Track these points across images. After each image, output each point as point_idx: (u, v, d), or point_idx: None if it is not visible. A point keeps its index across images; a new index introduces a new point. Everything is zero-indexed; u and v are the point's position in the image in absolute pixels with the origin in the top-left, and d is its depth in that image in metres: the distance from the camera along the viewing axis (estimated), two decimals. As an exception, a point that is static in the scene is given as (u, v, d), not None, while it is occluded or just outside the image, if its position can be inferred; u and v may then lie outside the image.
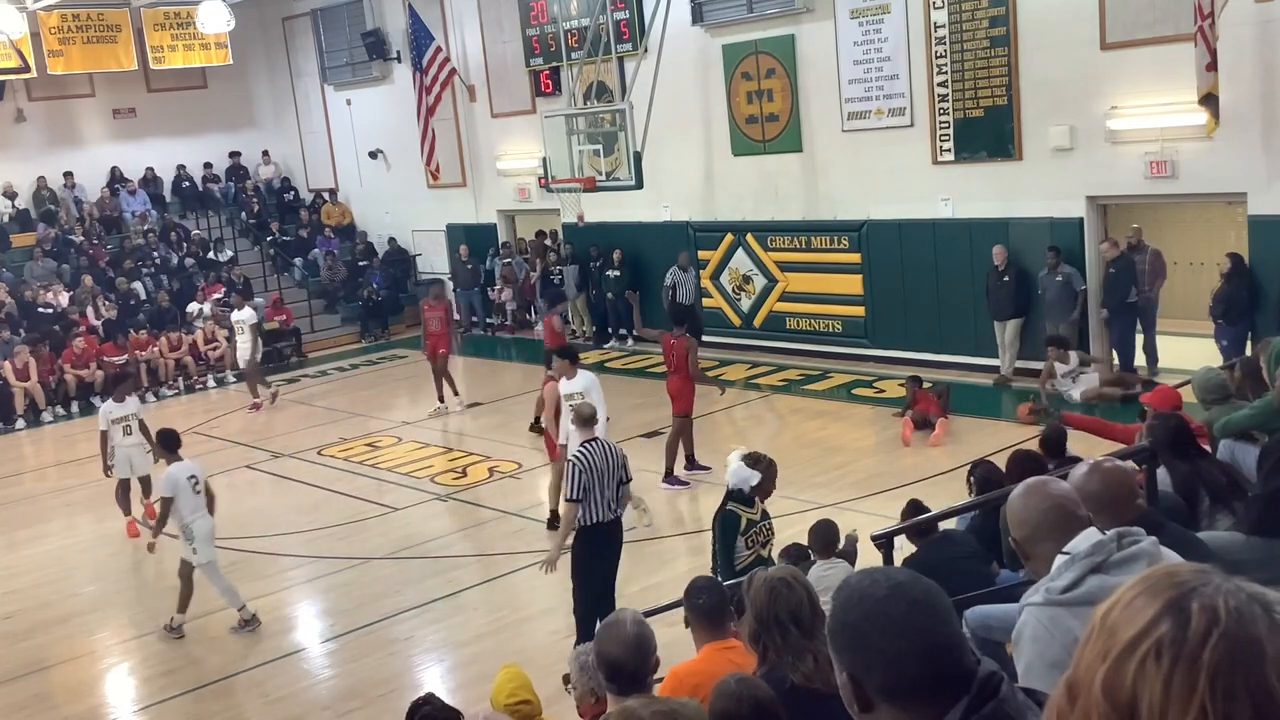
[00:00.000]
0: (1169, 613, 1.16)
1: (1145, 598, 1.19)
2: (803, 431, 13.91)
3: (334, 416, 16.89)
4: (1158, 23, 13.02)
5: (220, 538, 12.14)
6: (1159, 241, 15.25)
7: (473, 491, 12.93)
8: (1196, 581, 1.19)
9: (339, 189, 25.06)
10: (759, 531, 7.09)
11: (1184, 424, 6.15)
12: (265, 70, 25.53)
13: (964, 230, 15.08)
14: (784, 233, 17.26)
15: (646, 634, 3.95)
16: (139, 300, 21.38)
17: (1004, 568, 6.81)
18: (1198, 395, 7.10)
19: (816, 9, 16.15)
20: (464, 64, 21.13)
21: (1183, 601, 1.16)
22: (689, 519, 11.51)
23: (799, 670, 3.67)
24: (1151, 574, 1.23)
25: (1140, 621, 1.17)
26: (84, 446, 17.09)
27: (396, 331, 22.66)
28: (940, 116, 15.14)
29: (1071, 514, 3.03)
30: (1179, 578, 1.20)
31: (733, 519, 7.03)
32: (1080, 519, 3.01)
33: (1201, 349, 13.15)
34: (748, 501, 7.07)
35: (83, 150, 23.83)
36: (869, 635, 1.87)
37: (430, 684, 8.42)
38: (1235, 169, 12.79)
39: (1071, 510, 3.04)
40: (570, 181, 16.58)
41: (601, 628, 3.98)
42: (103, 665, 9.82)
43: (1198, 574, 1.20)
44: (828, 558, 6.92)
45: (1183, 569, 1.23)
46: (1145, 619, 1.17)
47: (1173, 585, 1.19)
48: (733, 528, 7.01)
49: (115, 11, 22.31)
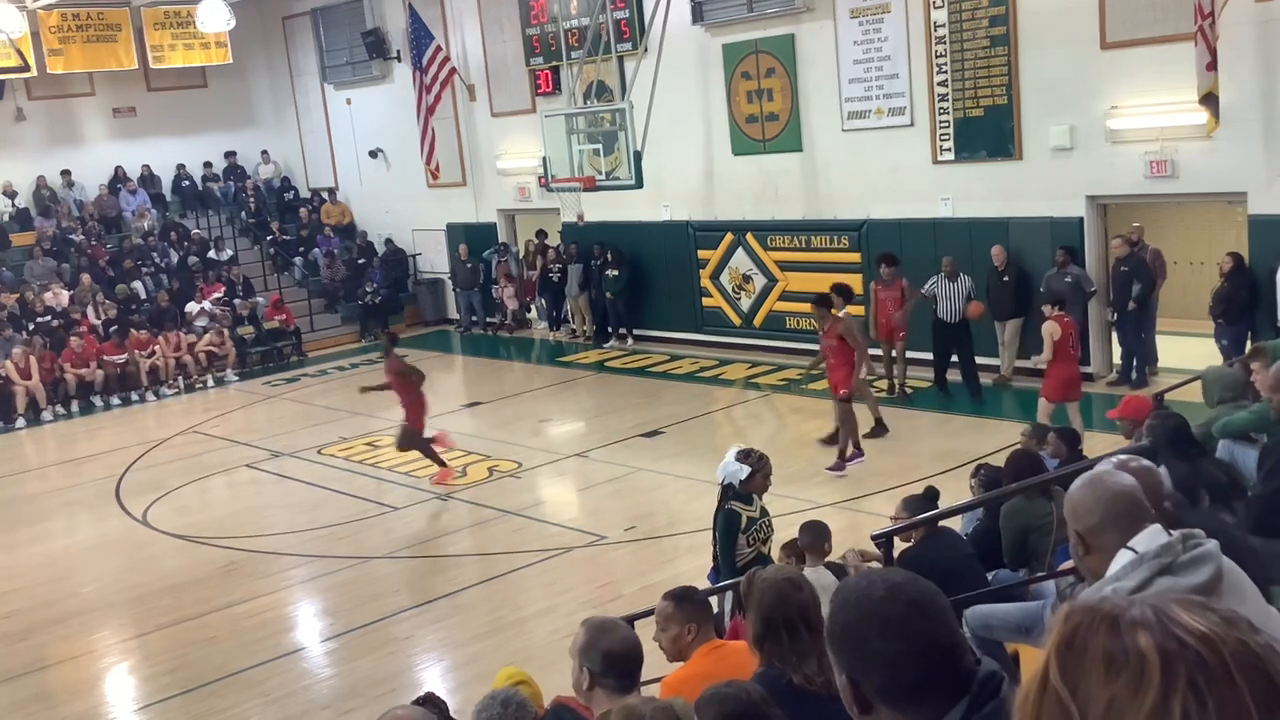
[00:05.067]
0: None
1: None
2: (803, 431, 13.89)
3: (334, 416, 16.89)
4: (1158, 22, 13.02)
5: (220, 536, 12.21)
6: (1159, 241, 15.25)
7: (473, 491, 12.93)
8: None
9: (339, 188, 25.04)
10: (759, 529, 7.15)
11: (1184, 423, 6.14)
12: (265, 69, 25.52)
13: (964, 230, 15.07)
14: (784, 232, 17.26)
15: (636, 635, 4.05)
16: (139, 300, 21.39)
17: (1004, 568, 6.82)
18: (1212, 392, 6.99)
19: (816, 8, 16.14)
20: (464, 63, 21.13)
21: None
22: (689, 518, 11.50)
23: (801, 671, 3.67)
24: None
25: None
26: (84, 445, 17.13)
27: (396, 331, 22.62)
28: (940, 116, 15.14)
29: (1140, 504, 2.92)
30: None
31: (734, 517, 7.08)
32: (1146, 511, 2.91)
33: (1202, 348, 13.16)
34: (746, 499, 7.13)
35: (83, 149, 23.81)
36: (867, 637, 1.86)
37: (430, 683, 8.42)
38: (1235, 168, 12.79)
39: (1140, 501, 2.94)
40: (570, 181, 16.58)
41: (596, 630, 4.00)
42: (102, 665, 9.81)
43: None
44: (815, 561, 6.73)
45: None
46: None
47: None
48: (734, 526, 7.07)
49: (115, 11, 22.30)
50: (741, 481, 7.08)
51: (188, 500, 13.89)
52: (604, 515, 11.83)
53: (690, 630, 4.49)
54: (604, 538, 11.18)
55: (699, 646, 4.48)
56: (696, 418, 13.48)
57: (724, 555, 7.09)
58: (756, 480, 7.14)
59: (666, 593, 4.71)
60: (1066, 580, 5.34)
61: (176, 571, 11.44)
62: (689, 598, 4.62)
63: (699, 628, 4.51)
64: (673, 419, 14.60)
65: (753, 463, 7.12)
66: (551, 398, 17.31)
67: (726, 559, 7.04)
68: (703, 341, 18.42)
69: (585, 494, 12.78)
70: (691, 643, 4.48)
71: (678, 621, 4.51)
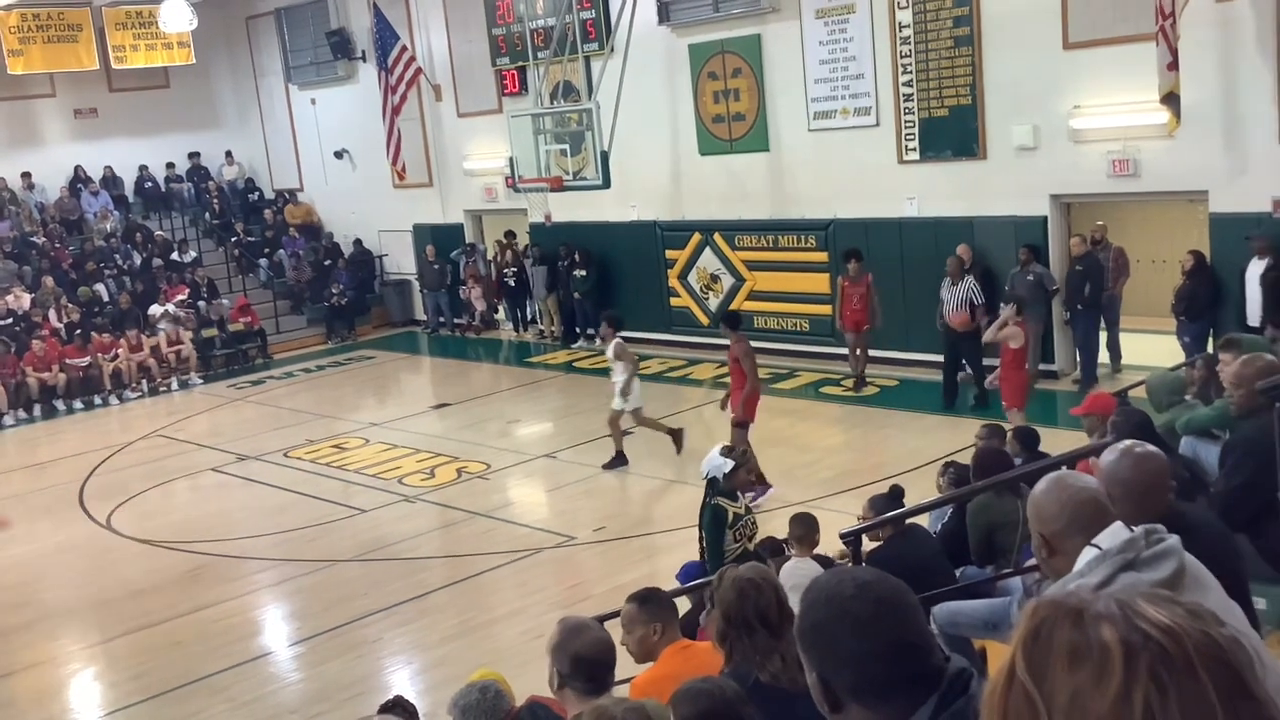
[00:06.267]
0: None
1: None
2: (771, 430, 13.91)
3: (300, 418, 16.78)
4: (1119, 22, 13.13)
5: (186, 541, 12.10)
6: (1122, 239, 15.38)
7: (441, 493, 12.88)
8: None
9: (304, 189, 24.88)
10: (745, 525, 7.36)
11: (1147, 420, 6.21)
12: (228, 70, 25.32)
13: (930, 229, 15.15)
14: (751, 232, 17.30)
15: (609, 635, 4.07)
16: (102, 303, 21.17)
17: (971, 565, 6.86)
18: (1155, 399, 7.22)
19: (782, 9, 16.19)
20: (429, 63, 21.04)
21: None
22: (658, 518, 11.51)
23: (766, 669, 3.68)
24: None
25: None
26: (46, 450, 16.94)
27: (363, 333, 22.55)
28: (906, 116, 15.22)
29: (1105, 508, 2.95)
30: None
31: (721, 513, 7.30)
32: (1110, 514, 2.94)
33: (1164, 346, 13.29)
34: (731, 495, 7.34)
35: (43, 151, 23.54)
36: (837, 635, 1.87)
37: (398, 686, 8.37)
38: (1196, 167, 12.91)
39: (1105, 504, 2.97)
40: (537, 181, 16.54)
41: (568, 631, 4.00)
42: (66, 671, 9.71)
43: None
44: (805, 552, 6.90)
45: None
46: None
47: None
48: (722, 520, 7.29)
49: (76, 11, 22.08)
50: (725, 476, 7.26)
51: (152, 505, 13.76)
52: (573, 516, 11.82)
53: (655, 631, 4.50)
54: (573, 538, 11.17)
55: (666, 647, 4.49)
56: (665, 418, 13.47)
57: (712, 549, 7.25)
58: (740, 475, 7.35)
59: (631, 595, 4.72)
60: (1033, 576, 5.38)
61: (141, 576, 11.34)
62: (652, 599, 4.63)
63: (664, 628, 4.52)
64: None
65: (736, 457, 7.32)
66: (520, 399, 17.27)
67: (715, 553, 7.20)
68: (671, 341, 18.44)
69: (554, 495, 12.76)
70: (658, 643, 4.49)
71: (642, 623, 4.52)
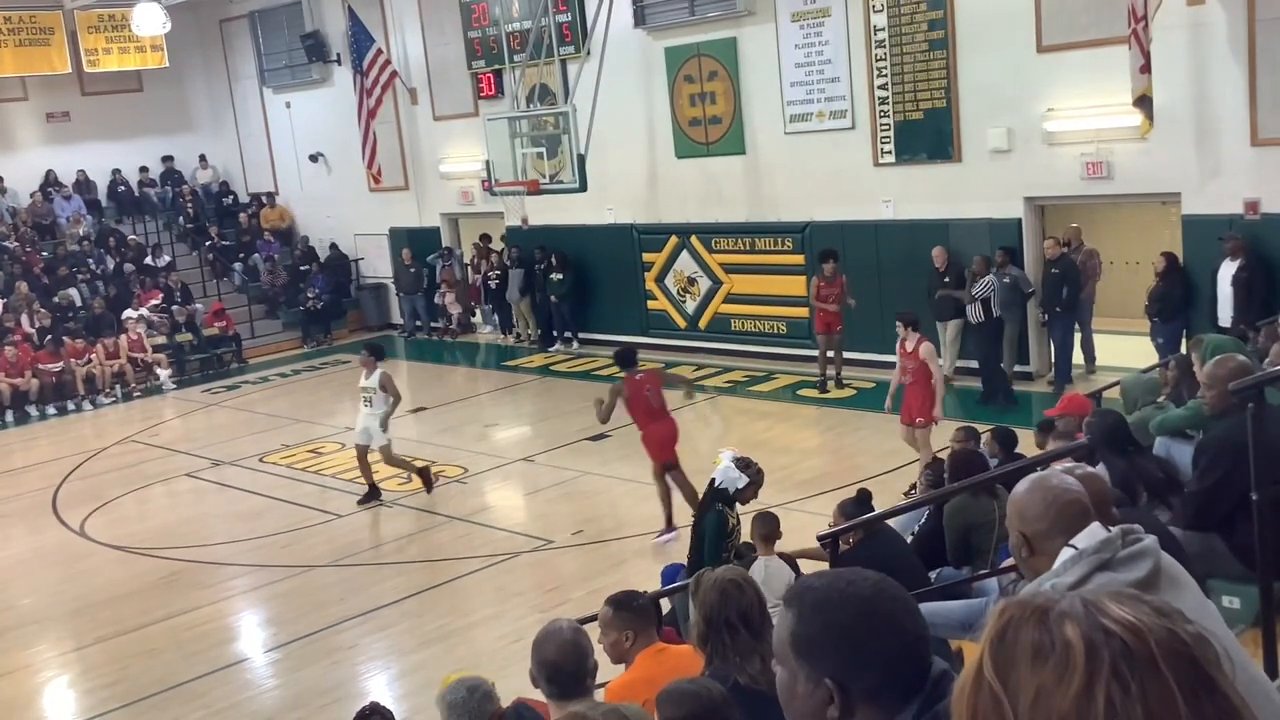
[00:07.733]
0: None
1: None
2: (749, 433, 13.95)
3: (276, 423, 16.69)
4: (1092, 26, 13.22)
5: (161, 547, 12.03)
6: (1095, 241, 15.48)
7: (417, 497, 12.83)
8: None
9: (279, 192, 24.77)
10: (736, 537, 7.49)
11: (1122, 421, 6.24)
12: (202, 73, 25.18)
13: (906, 231, 15.21)
14: (728, 235, 17.32)
15: (584, 640, 4.04)
16: (75, 308, 21.01)
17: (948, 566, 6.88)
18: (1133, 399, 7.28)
19: (758, 12, 16.22)
20: (405, 66, 20.99)
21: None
22: (636, 521, 11.49)
23: (745, 671, 3.68)
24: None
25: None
26: (19, 456, 16.80)
27: (339, 337, 22.46)
28: (881, 119, 15.27)
29: (1087, 510, 2.95)
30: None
31: (723, 521, 7.41)
32: (1092, 516, 2.94)
33: (1138, 347, 13.38)
34: (731, 505, 7.47)
35: (14, 155, 23.36)
36: (862, 636, 1.78)
37: (375, 692, 8.33)
38: (1169, 170, 13.01)
39: (1087, 506, 2.97)
40: (514, 184, 16.53)
41: (540, 636, 3.99)
42: (40, 678, 9.62)
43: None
44: (768, 552, 6.93)
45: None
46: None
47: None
48: (724, 527, 7.40)
49: (48, 14, 21.92)
50: (738, 490, 7.34)
51: (127, 510, 13.67)
52: (551, 519, 11.80)
53: (628, 636, 4.51)
54: (551, 542, 11.15)
55: (640, 651, 4.49)
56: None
57: (712, 555, 7.28)
58: (749, 491, 7.44)
59: (608, 598, 4.72)
60: (1009, 577, 5.40)
61: (116, 583, 11.25)
62: (626, 604, 4.63)
63: (636, 634, 4.52)
64: (618, 422, 14.53)
65: (751, 474, 7.46)
66: (497, 402, 17.24)
67: (714, 558, 7.21)
68: (648, 344, 18.41)
69: (532, 498, 12.73)
70: (631, 648, 4.50)
71: (616, 627, 4.54)
